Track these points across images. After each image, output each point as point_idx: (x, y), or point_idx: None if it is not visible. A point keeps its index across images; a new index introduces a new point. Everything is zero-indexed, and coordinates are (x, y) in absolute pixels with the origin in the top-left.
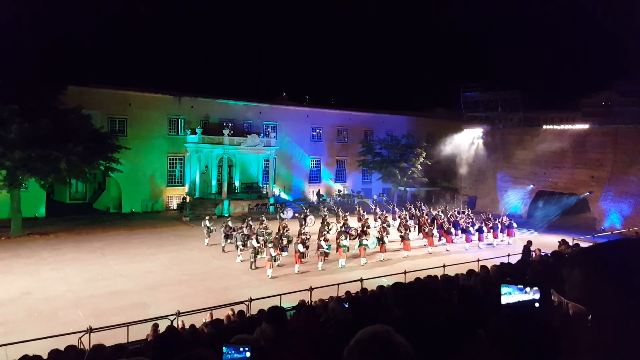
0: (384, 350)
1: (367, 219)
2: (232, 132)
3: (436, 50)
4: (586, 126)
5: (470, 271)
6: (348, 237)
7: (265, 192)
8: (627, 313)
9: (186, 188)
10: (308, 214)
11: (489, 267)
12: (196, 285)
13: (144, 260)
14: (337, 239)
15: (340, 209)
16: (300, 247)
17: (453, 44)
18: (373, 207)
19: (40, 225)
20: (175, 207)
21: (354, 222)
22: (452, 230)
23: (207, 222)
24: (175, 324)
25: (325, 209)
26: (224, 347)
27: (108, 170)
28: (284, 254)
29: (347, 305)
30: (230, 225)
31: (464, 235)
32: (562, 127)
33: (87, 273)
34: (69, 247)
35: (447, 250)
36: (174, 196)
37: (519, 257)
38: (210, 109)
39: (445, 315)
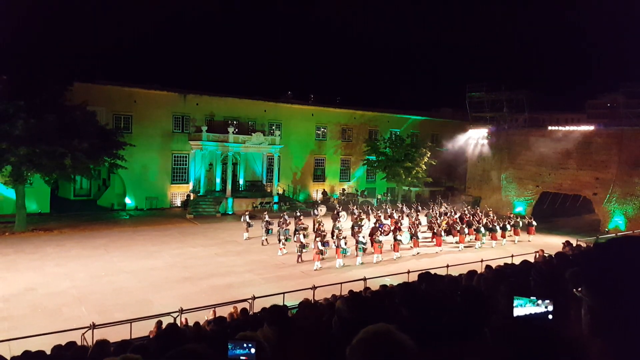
0: (386, 347)
1: (400, 216)
2: (236, 130)
3: (442, 50)
4: (591, 128)
5: (472, 272)
6: (382, 233)
7: (269, 190)
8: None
9: (190, 185)
10: (341, 210)
11: (493, 268)
12: (199, 282)
13: (148, 257)
14: (371, 235)
15: (370, 207)
16: (343, 243)
17: (459, 44)
18: (377, 205)
19: (45, 221)
20: (179, 205)
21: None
22: (482, 229)
23: (246, 217)
24: (178, 321)
25: (355, 207)
26: (228, 343)
27: (112, 167)
28: (326, 248)
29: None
30: (268, 220)
31: (488, 234)
32: (567, 128)
33: (91, 269)
34: (73, 243)
35: (477, 247)
36: (178, 193)
37: (522, 257)
38: (215, 107)
39: (449, 315)
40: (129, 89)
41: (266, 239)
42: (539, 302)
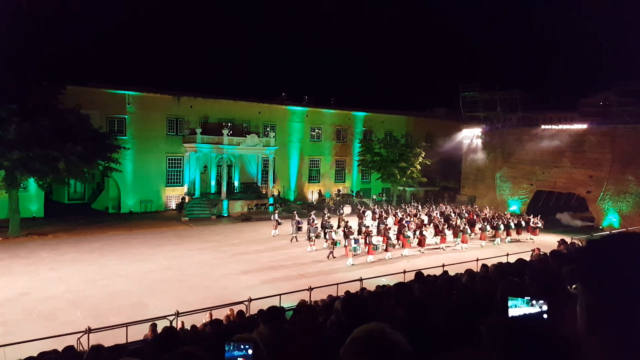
0: (379, 347)
1: (418, 214)
2: (231, 132)
3: (435, 50)
4: (584, 126)
5: (469, 271)
6: (409, 230)
7: (264, 192)
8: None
9: (185, 188)
10: (365, 209)
11: (488, 267)
12: (195, 285)
13: (143, 260)
14: (399, 231)
15: (389, 206)
16: (374, 240)
17: (452, 44)
18: (373, 206)
19: (39, 226)
20: (174, 207)
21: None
22: (501, 226)
23: (276, 215)
24: (174, 324)
25: (376, 206)
26: (225, 345)
27: (107, 170)
28: (358, 244)
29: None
30: (298, 218)
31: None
32: (560, 127)
33: (86, 273)
34: (68, 248)
35: (498, 244)
36: (173, 196)
37: (517, 256)
38: (210, 109)
39: (445, 314)
40: (123, 92)
41: (296, 237)
42: (534, 302)
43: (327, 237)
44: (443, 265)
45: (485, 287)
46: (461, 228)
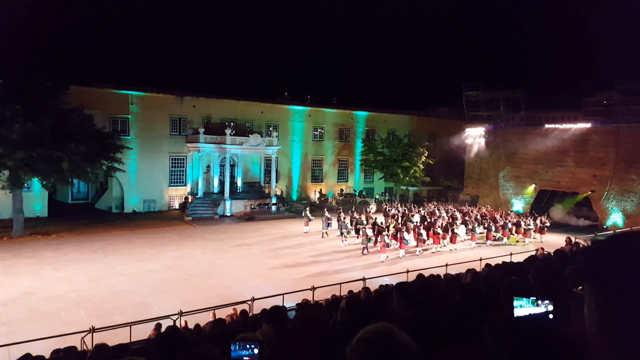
0: (385, 347)
1: (440, 212)
2: (234, 131)
3: (438, 50)
4: (588, 125)
5: (472, 270)
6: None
7: (267, 192)
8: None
9: (188, 188)
10: (390, 207)
11: (492, 266)
12: (198, 284)
13: (146, 260)
14: (428, 228)
15: (413, 205)
16: (406, 235)
17: (456, 43)
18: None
19: (42, 225)
20: (177, 207)
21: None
22: (522, 224)
23: (307, 211)
24: (177, 324)
25: (398, 204)
26: (231, 345)
27: (110, 170)
28: (390, 240)
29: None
30: (328, 215)
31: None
32: (564, 126)
33: (89, 273)
34: (71, 247)
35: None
36: (176, 196)
37: (521, 256)
38: (212, 109)
39: (449, 314)
40: (126, 92)
41: (326, 232)
42: (539, 302)
43: (360, 233)
44: (447, 265)
45: (489, 286)
46: (485, 226)
